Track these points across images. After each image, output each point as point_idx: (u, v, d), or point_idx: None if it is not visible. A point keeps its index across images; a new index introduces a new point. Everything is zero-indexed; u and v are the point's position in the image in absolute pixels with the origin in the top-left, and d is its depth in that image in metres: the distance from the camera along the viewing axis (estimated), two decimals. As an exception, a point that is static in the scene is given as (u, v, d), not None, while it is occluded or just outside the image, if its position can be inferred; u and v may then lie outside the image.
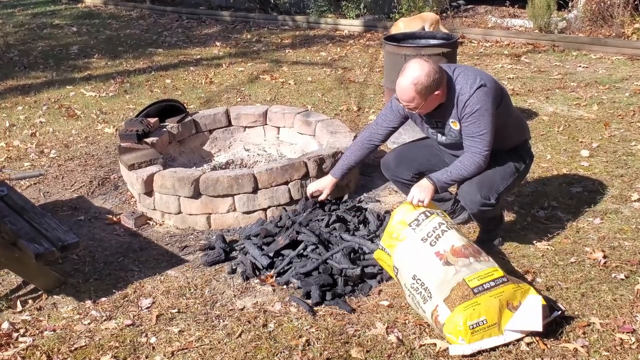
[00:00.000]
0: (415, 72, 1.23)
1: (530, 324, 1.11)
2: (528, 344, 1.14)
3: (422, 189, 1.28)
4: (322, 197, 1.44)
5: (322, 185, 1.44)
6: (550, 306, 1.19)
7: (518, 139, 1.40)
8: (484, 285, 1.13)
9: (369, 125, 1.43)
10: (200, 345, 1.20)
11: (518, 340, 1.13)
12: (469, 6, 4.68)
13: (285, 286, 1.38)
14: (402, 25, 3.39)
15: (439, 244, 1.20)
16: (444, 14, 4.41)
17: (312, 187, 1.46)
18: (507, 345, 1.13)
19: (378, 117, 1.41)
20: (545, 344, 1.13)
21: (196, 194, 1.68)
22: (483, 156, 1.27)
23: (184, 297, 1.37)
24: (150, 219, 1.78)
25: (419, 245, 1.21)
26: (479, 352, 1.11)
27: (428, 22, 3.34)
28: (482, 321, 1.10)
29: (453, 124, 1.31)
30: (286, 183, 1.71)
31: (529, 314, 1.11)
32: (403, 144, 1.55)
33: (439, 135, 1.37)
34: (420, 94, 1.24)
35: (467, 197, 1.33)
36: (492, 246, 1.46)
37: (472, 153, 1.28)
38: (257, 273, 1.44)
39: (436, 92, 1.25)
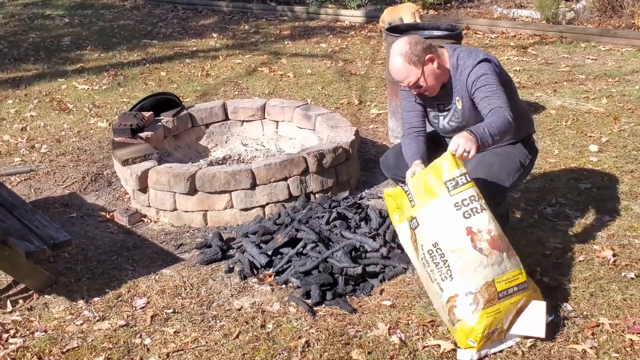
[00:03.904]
0: (397, 47, 1.22)
1: (533, 329, 1.08)
2: (534, 345, 1.11)
3: (467, 139, 1.09)
4: None
5: None
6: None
7: (523, 132, 1.35)
8: (508, 290, 1.08)
9: (402, 129, 1.35)
10: (197, 347, 1.17)
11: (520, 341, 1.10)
12: (474, -4, 4.60)
13: (284, 285, 1.35)
14: (386, 17, 3.35)
15: (473, 220, 1.06)
16: (448, 4, 4.32)
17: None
18: (512, 347, 1.11)
19: (402, 116, 1.36)
20: (553, 345, 1.11)
21: (192, 191, 1.64)
22: (507, 111, 1.15)
23: (180, 297, 1.33)
24: (145, 216, 1.74)
25: (450, 212, 1.07)
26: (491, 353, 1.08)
27: (404, 12, 3.29)
28: (497, 329, 1.07)
29: (457, 102, 1.27)
30: (285, 179, 1.66)
31: (533, 319, 1.08)
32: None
33: (441, 118, 1.32)
34: (412, 62, 1.21)
35: None
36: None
37: (494, 110, 1.16)
38: (255, 272, 1.40)
39: (428, 56, 1.21)
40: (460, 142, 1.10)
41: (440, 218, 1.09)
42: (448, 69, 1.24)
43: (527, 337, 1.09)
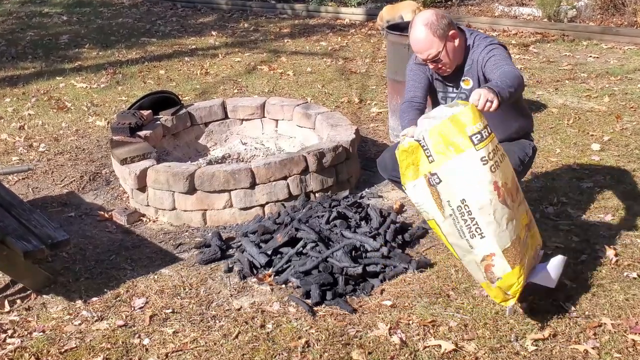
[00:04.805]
0: (424, 18, 1.22)
1: (547, 280, 1.10)
2: (536, 345, 1.10)
3: (488, 90, 1.05)
4: None
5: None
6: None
7: (523, 128, 1.36)
8: (524, 239, 1.08)
9: (404, 98, 1.32)
10: (196, 347, 1.16)
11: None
12: (475, -7, 4.57)
13: (283, 285, 1.34)
14: (385, 15, 3.36)
15: (498, 174, 1.01)
16: (449, 2, 4.29)
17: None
18: (514, 347, 1.10)
19: (407, 87, 1.34)
20: (555, 345, 1.10)
21: (191, 190, 1.63)
22: (518, 70, 1.16)
23: (179, 297, 1.33)
24: (144, 215, 1.73)
25: (477, 167, 1.01)
26: (497, 352, 1.08)
27: (405, 10, 3.29)
28: (524, 279, 1.08)
29: (465, 83, 1.27)
30: (285, 178, 1.65)
31: (551, 271, 1.10)
32: (398, 142, 1.49)
33: (449, 100, 1.32)
34: (436, 34, 1.21)
35: None
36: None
37: (504, 70, 1.15)
38: (255, 272, 1.40)
39: (451, 32, 1.21)
40: (482, 92, 1.05)
41: (467, 174, 1.02)
42: (464, 46, 1.25)
43: (538, 284, 1.10)
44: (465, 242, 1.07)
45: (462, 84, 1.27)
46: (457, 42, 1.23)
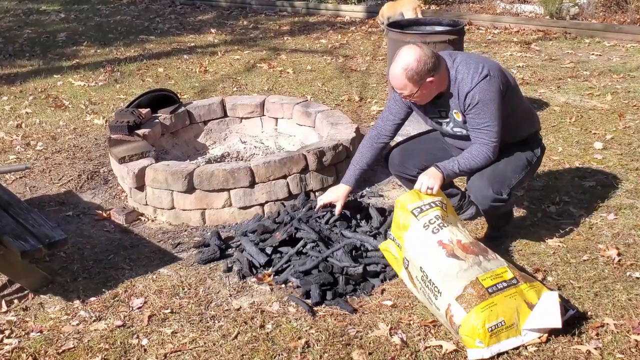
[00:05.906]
0: (406, 58, 1.20)
1: (548, 321, 1.07)
2: (537, 346, 1.09)
3: (431, 176, 1.24)
4: (337, 210, 1.34)
5: (336, 196, 1.34)
6: (563, 305, 1.15)
7: (528, 130, 1.35)
8: (497, 285, 1.09)
9: (375, 123, 1.40)
10: (195, 347, 1.15)
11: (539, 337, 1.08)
12: (476, -9, 4.54)
13: (283, 285, 1.34)
14: (386, 11, 3.36)
15: (442, 234, 1.16)
16: (450, -1, 4.28)
17: (324, 198, 1.36)
18: (517, 347, 1.09)
19: (383, 112, 1.37)
20: (557, 346, 1.09)
21: (190, 189, 1.62)
22: (491, 147, 1.24)
23: (178, 297, 1.32)
24: (142, 214, 1.72)
25: (420, 232, 1.18)
26: (499, 355, 1.06)
27: (405, 7, 3.27)
28: (500, 323, 1.06)
29: (456, 115, 1.27)
30: (284, 177, 1.64)
31: (547, 310, 1.07)
32: (408, 138, 1.50)
33: (444, 125, 1.32)
34: (411, 80, 1.20)
35: (478, 193, 1.28)
36: (501, 243, 1.41)
37: (479, 144, 1.25)
38: (254, 271, 1.39)
39: (429, 79, 1.20)
40: (424, 180, 1.23)
41: (415, 242, 1.18)
42: (446, 81, 1.23)
43: (542, 330, 1.08)
44: (434, 307, 1.14)
45: (454, 115, 1.27)
46: (434, 86, 1.21)
